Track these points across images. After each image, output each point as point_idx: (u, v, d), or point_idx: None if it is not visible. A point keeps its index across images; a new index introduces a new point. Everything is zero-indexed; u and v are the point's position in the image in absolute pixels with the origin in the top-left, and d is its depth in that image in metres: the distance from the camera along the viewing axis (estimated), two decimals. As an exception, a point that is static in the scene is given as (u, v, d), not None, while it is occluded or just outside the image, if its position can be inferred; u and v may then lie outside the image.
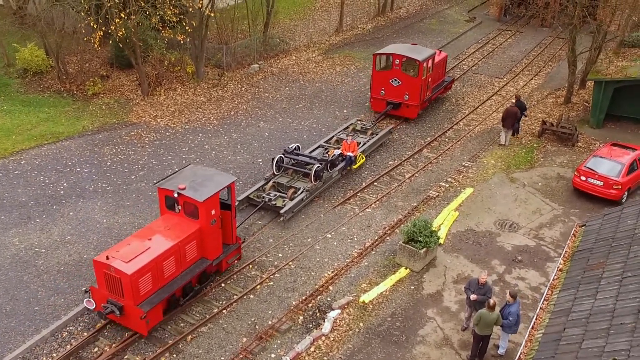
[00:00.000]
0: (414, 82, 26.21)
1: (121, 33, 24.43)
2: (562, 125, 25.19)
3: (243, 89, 30.32)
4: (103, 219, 19.69)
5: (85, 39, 24.95)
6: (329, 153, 22.39)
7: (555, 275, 10.61)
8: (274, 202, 19.76)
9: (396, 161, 23.87)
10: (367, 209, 20.56)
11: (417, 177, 22.74)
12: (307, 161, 21.46)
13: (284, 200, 19.85)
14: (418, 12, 44.89)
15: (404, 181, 22.36)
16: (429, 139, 25.78)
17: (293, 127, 26.22)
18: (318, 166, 20.89)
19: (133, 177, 22.19)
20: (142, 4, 24.61)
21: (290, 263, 17.81)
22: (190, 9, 25.61)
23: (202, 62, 30.48)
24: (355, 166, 22.78)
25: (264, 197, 20.06)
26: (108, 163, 23.15)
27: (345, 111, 28.04)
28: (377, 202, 21.01)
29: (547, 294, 10.23)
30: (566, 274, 10.33)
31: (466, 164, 23.54)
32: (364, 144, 23.77)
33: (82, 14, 25.03)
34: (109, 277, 14.31)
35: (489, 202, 21.05)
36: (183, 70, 30.70)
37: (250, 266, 17.69)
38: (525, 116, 25.98)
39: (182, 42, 25.81)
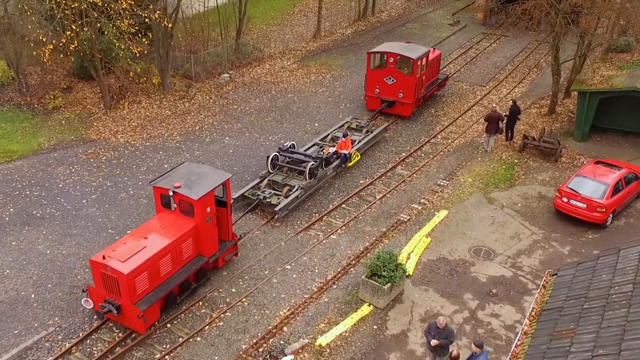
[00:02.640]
0: (408, 80, 26.00)
1: (73, 46, 22.85)
2: (544, 139, 23.65)
3: (211, 100, 28.76)
4: (47, 250, 18.22)
5: (35, 53, 23.33)
6: (323, 151, 22.28)
7: (519, 340, 9.16)
8: (268, 200, 19.72)
9: (367, 180, 22.40)
10: (332, 235, 19.07)
11: (389, 197, 21.25)
12: (302, 159, 21.36)
13: (278, 198, 19.78)
14: (401, 15, 43.29)
15: (374, 202, 20.88)
16: (404, 154, 24.29)
17: (260, 143, 24.67)
18: (312, 164, 20.82)
19: (84, 201, 20.68)
20: (96, 15, 23.01)
21: (243, 299, 16.31)
22: (147, 20, 23.96)
23: (167, 73, 28.87)
24: (350, 164, 22.71)
25: (258, 194, 19.92)
26: (60, 185, 21.63)
27: (316, 124, 26.51)
28: (344, 227, 19.53)
29: (507, 366, 8.81)
30: (531, 339, 8.87)
31: (442, 183, 22.05)
32: (359, 142, 23.60)
33: (30, 27, 23.43)
34: (105, 277, 14.26)
35: (464, 226, 19.56)
36: (149, 81, 29.09)
37: (201, 303, 16.21)
38: (519, 120, 24.83)
39: (137, 54, 24.13)
